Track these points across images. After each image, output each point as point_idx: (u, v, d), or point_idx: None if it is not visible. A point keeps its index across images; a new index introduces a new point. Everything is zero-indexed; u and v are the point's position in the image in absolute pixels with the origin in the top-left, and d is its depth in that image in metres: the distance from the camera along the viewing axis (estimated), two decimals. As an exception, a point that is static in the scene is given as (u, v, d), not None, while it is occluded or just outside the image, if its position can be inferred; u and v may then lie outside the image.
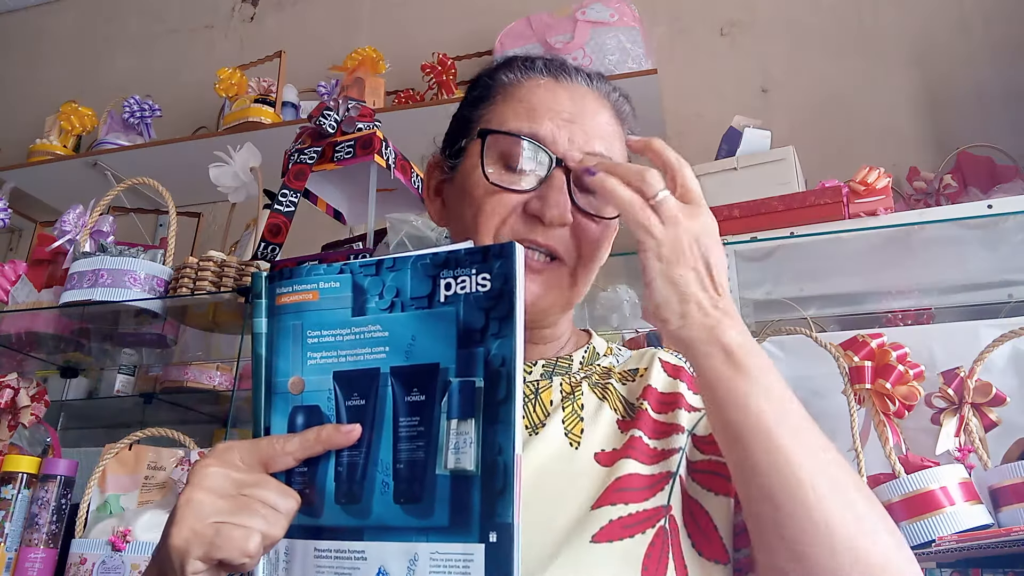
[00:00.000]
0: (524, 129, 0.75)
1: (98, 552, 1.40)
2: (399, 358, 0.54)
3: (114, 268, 1.59)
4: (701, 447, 0.73)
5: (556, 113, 0.76)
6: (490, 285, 0.53)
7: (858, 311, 1.63)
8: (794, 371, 1.39)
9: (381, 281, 0.55)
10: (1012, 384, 1.26)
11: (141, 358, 2.13)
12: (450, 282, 0.54)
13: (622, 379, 0.80)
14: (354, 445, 0.54)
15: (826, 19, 2.26)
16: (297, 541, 0.54)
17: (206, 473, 0.53)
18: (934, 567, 1.09)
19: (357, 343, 0.55)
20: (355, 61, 2.39)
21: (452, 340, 0.53)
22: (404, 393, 0.54)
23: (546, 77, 0.79)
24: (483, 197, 0.75)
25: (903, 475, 1.15)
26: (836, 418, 1.26)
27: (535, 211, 0.72)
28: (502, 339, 0.52)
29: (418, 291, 0.55)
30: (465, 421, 0.52)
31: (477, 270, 0.54)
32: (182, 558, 0.51)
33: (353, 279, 0.56)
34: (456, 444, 0.52)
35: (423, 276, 0.55)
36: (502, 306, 0.52)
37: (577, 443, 0.71)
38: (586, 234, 0.75)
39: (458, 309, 0.54)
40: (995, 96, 2.05)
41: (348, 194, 1.62)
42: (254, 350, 0.57)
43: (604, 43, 2.10)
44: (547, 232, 0.73)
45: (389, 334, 0.55)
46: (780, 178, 1.64)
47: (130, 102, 2.59)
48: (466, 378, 0.52)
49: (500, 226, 0.73)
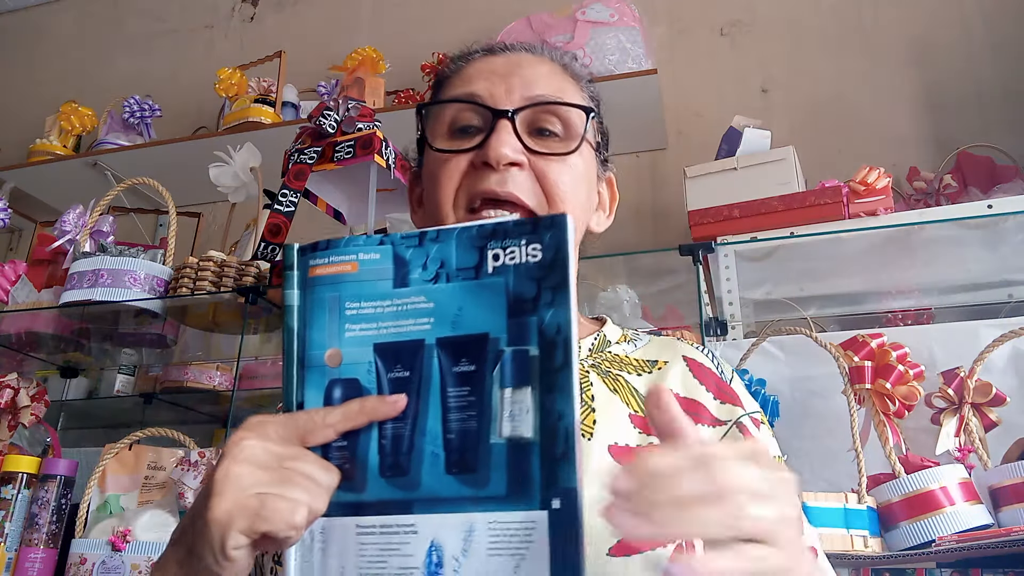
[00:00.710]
0: (459, 93, 0.75)
1: (98, 552, 1.40)
2: (445, 329, 0.53)
3: (114, 268, 1.59)
4: None
5: (490, 72, 0.76)
6: (541, 255, 0.52)
7: (858, 311, 1.63)
8: (794, 371, 1.39)
9: (425, 252, 0.55)
10: (1012, 384, 1.26)
11: (141, 358, 2.13)
12: (498, 253, 0.53)
13: (637, 369, 0.76)
14: (398, 417, 0.53)
15: (826, 19, 2.26)
16: (335, 519, 0.53)
17: (244, 446, 0.51)
18: (934, 567, 1.09)
19: (399, 314, 0.54)
20: (355, 61, 2.39)
21: (502, 310, 0.53)
22: (452, 363, 0.53)
23: (482, 54, 0.80)
24: (435, 169, 0.75)
25: (903, 475, 1.15)
26: (836, 418, 1.26)
27: (482, 158, 0.72)
28: (556, 308, 0.51)
29: (464, 262, 0.54)
30: (520, 389, 0.51)
31: (527, 241, 0.53)
32: (224, 531, 0.48)
33: (394, 250, 0.55)
34: (512, 412, 0.51)
35: (470, 247, 0.54)
36: (555, 276, 0.52)
37: (590, 434, 0.69)
38: (547, 174, 0.73)
39: (507, 279, 0.53)
40: (995, 96, 2.05)
41: (348, 194, 1.62)
42: (285, 323, 0.55)
43: (604, 43, 2.10)
44: (501, 179, 0.71)
45: (434, 305, 0.54)
46: (780, 178, 1.64)
47: (130, 102, 2.59)
48: (520, 347, 0.52)
49: (457, 191, 0.73)
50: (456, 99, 0.75)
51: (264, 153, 1.78)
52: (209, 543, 0.49)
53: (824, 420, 1.31)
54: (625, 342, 0.80)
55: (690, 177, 1.74)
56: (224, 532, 0.48)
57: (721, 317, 1.49)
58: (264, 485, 0.49)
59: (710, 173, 1.72)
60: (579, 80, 0.81)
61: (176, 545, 0.56)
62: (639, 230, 2.15)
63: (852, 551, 1.10)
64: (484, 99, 0.74)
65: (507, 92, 0.74)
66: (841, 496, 1.14)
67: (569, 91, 0.78)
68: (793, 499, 0.46)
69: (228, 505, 0.49)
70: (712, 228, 1.56)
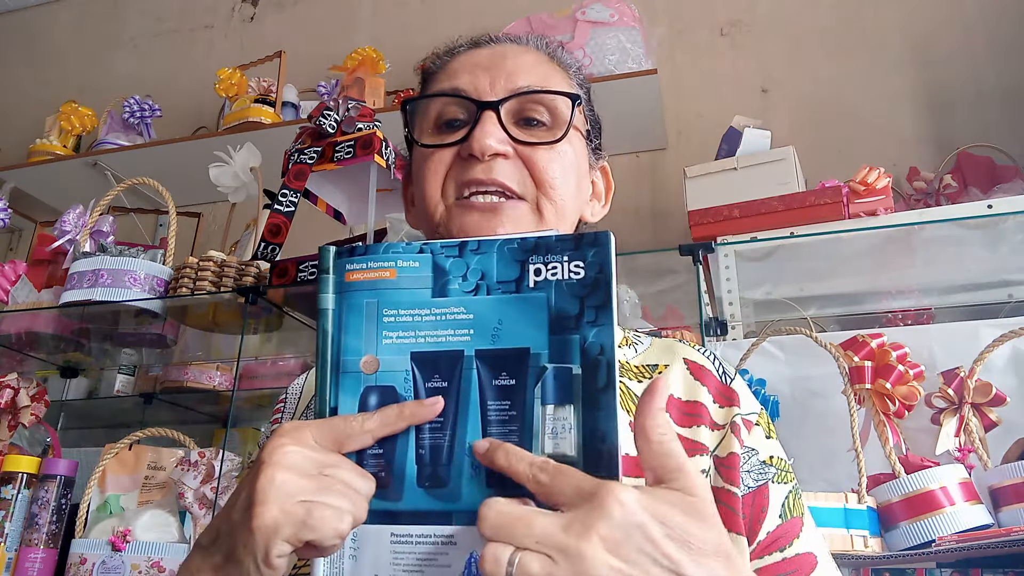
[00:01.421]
0: (444, 88, 0.75)
1: (98, 552, 1.41)
2: (485, 341, 0.53)
3: (114, 268, 1.59)
4: (721, 471, 0.69)
5: (473, 66, 0.76)
6: (584, 273, 0.53)
7: (858, 311, 1.63)
8: (794, 371, 1.39)
9: (465, 263, 0.55)
10: (1012, 384, 1.26)
11: (141, 358, 2.13)
12: (540, 268, 0.53)
13: (638, 375, 0.75)
14: (437, 427, 0.53)
15: (826, 19, 2.26)
16: (368, 527, 0.52)
17: (284, 451, 0.50)
18: (934, 567, 1.09)
19: (438, 324, 0.54)
20: (355, 61, 2.39)
21: (543, 326, 0.53)
22: (492, 376, 0.53)
23: (467, 48, 0.80)
24: (423, 165, 0.74)
25: (903, 475, 1.15)
26: (836, 418, 1.26)
27: (468, 151, 0.71)
28: (599, 327, 0.51)
29: (505, 275, 0.54)
30: (562, 407, 0.51)
31: (569, 257, 0.53)
32: (269, 540, 0.48)
33: (434, 259, 0.55)
34: (554, 429, 0.51)
35: (511, 260, 0.54)
36: (598, 294, 0.52)
37: None
38: (535, 163, 0.72)
39: (549, 295, 0.53)
40: (995, 96, 2.05)
41: (348, 194, 1.62)
42: (320, 326, 0.55)
43: (604, 43, 2.10)
44: (487, 167, 0.71)
45: (474, 317, 0.54)
46: (780, 178, 1.64)
47: (130, 102, 2.59)
48: (562, 364, 0.52)
49: (444, 183, 0.73)
50: (440, 93, 0.75)
51: (264, 153, 1.78)
52: (252, 551, 0.48)
53: (824, 420, 1.31)
54: (627, 345, 0.79)
55: (690, 177, 1.74)
56: (269, 540, 0.48)
57: (721, 317, 1.49)
58: (308, 493, 0.49)
59: (710, 173, 1.72)
60: (567, 68, 0.80)
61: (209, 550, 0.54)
62: (639, 230, 2.15)
63: (852, 551, 1.10)
64: (468, 92, 0.74)
65: (491, 84, 0.74)
66: (841, 496, 1.14)
67: (555, 79, 0.77)
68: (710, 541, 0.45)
69: (275, 513, 0.48)
70: (712, 228, 1.56)
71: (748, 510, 0.68)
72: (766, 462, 0.71)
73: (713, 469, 0.69)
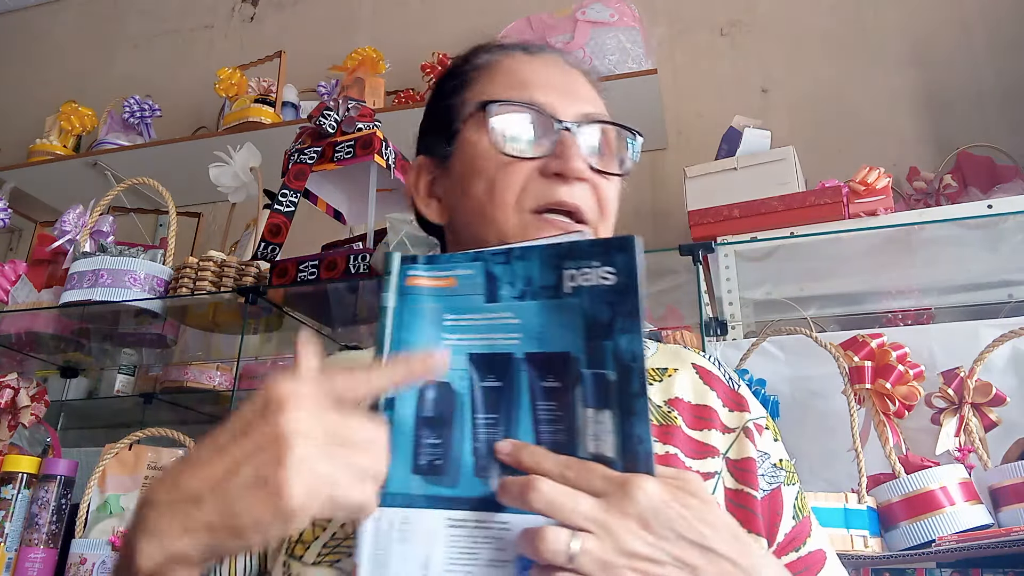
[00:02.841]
0: (522, 98, 0.75)
1: (98, 552, 1.40)
2: (532, 345, 0.56)
3: (114, 268, 1.59)
4: (736, 474, 0.70)
5: (544, 80, 0.77)
6: (614, 280, 0.54)
7: (858, 311, 1.63)
8: (794, 371, 1.39)
9: (512, 270, 0.57)
10: (1012, 384, 1.26)
11: (141, 358, 2.13)
12: (573, 274, 0.55)
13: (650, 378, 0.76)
14: (492, 423, 0.55)
15: (826, 19, 2.26)
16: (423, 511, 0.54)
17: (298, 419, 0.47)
18: (934, 567, 1.09)
19: (490, 328, 0.57)
20: (355, 61, 2.39)
21: (580, 332, 0.55)
22: (540, 378, 0.55)
23: (518, 52, 0.81)
24: (497, 170, 0.74)
25: (903, 475, 1.15)
26: (836, 418, 1.26)
27: (555, 169, 0.72)
28: (630, 335, 0.53)
29: (545, 281, 0.56)
30: (601, 411, 0.53)
31: (600, 263, 0.55)
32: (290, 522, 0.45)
33: (486, 267, 0.58)
34: (595, 432, 0.53)
35: (549, 266, 0.56)
36: (628, 302, 0.54)
37: None
38: (602, 191, 0.75)
39: (583, 301, 0.55)
40: (995, 96, 2.05)
41: (348, 194, 1.62)
42: (380, 323, 0.57)
43: (604, 43, 2.10)
44: (571, 191, 0.73)
45: (521, 321, 0.56)
46: (780, 178, 1.64)
47: (130, 102, 2.59)
48: (598, 370, 0.54)
49: (521, 193, 0.73)
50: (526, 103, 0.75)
51: (264, 153, 1.78)
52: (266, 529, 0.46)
53: (824, 420, 1.31)
54: None
55: (690, 177, 1.74)
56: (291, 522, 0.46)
57: (721, 317, 1.49)
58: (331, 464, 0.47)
59: (710, 173, 1.72)
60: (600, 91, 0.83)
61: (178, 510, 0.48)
62: (639, 230, 2.12)
63: (852, 551, 1.10)
64: (548, 110, 0.75)
65: (567, 105, 0.76)
66: (841, 496, 1.14)
67: (602, 106, 0.81)
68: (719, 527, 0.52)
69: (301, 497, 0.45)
70: (712, 228, 1.56)
71: (765, 513, 0.70)
72: (776, 465, 0.74)
73: (726, 471, 0.71)
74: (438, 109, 0.83)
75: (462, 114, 0.78)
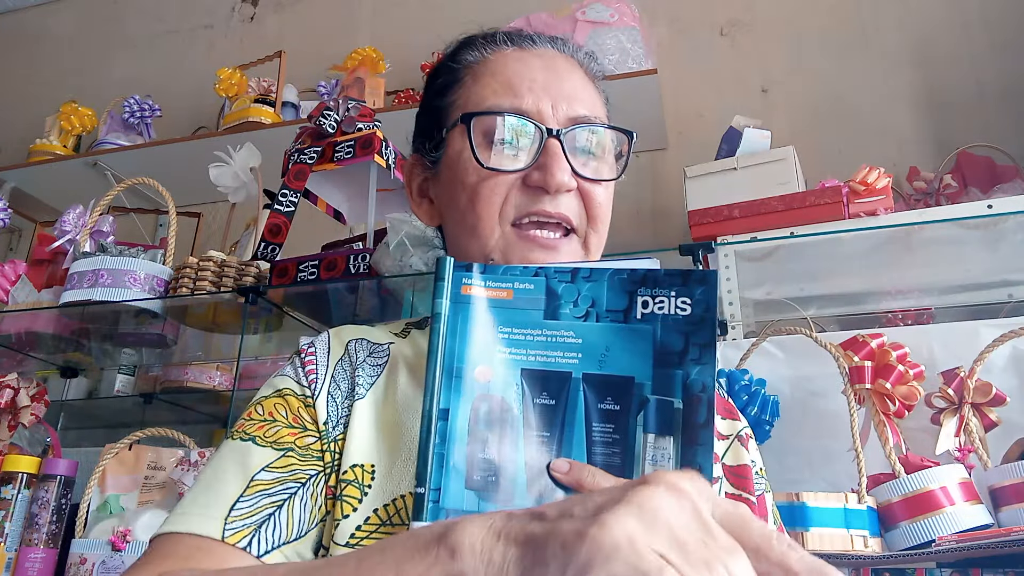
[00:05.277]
0: (506, 105, 0.72)
1: (98, 552, 1.40)
2: (592, 366, 0.56)
3: (114, 268, 1.59)
4: (733, 480, 0.72)
5: (532, 82, 0.74)
6: (691, 310, 0.55)
7: (858, 311, 1.63)
8: (794, 371, 1.39)
9: (576, 289, 0.57)
10: (1012, 384, 1.26)
11: (141, 358, 2.13)
12: (647, 300, 0.56)
13: None
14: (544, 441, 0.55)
15: (826, 19, 2.26)
16: None
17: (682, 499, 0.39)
18: (934, 567, 1.09)
19: (548, 345, 0.57)
20: (355, 61, 2.39)
21: (648, 357, 0.55)
22: (597, 400, 0.55)
23: (511, 47, 0.78)
24: (478, 183, 0.71)
25: (903, 475, 1.15)
26: (836, 418, 1.26)
27: (537, 182, 0.70)
28: (702, 365, 0.53)
29: (614, 304, 0.56)
30: (663, 437, 0.53)
31: (677, 293, 0.55)
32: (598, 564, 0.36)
33: (547, 283, 0.58)
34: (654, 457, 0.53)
35: (620, 290, 0.56)
36: (703, 333, 0.54)
37: None
38: (592, 198, 0.73)
39: (655, 328, 0.55)
40: (995, 96, 2.05)
41: (348, 194, 1.62)
42: (433, 328, 0.57)
43: (604, 43, 2.10)
44: (554, 201, 0.70)
45: (582, 341, 0.56)
46: (780, 178, 1.64)
47: (130, 102, 2.58)
48: (664, 397, 0.54)
49: (503, 206, 0.71)
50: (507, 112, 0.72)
51: (264, 153, 1.78)
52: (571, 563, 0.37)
53: (824, 420, 1.31)
54: None
55: (690, 177, 1.74)
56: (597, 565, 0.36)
57: (721, 317, 1.49)
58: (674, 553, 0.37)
59: (710, 173, 1.72)
60: (597, 83, 0.80)
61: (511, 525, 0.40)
62: (639, 230, 2.15)
63: (852, 551, 1.10)
64: (534, 117, 0.72)
65: (553, 108, 0.73)
66: (841, 496, 1.14)
67: (599, 103, 0.78)
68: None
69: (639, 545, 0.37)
70: (712, 228, 1.56)
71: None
72: (759, 473, 0.76)
73: (723, 476, 0.72)
74: (428, 107, 0.81)
75: (447, 120, 0.76)
